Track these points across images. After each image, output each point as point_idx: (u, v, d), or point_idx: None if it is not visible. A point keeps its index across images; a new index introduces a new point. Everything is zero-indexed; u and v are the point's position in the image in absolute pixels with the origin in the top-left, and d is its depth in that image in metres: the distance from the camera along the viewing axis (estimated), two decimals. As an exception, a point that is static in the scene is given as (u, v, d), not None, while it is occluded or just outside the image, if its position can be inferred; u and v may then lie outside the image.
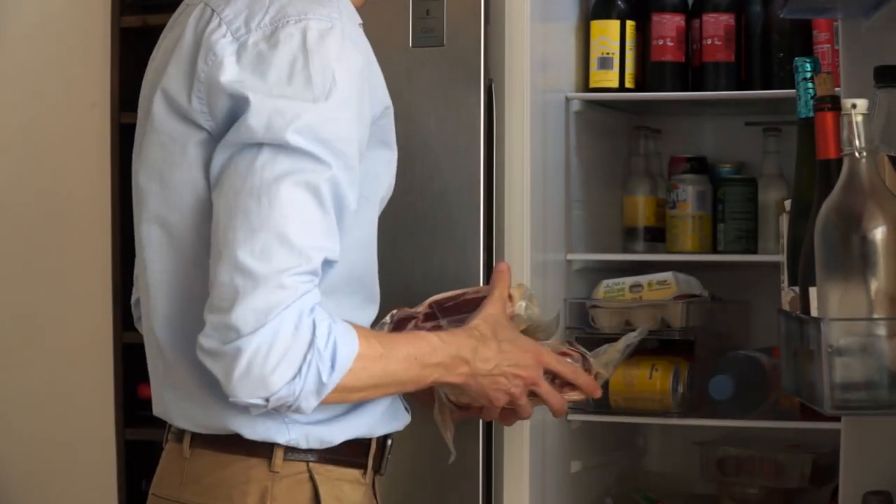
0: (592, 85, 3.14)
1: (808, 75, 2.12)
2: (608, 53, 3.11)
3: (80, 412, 3.88)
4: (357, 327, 1.85)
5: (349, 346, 1.81)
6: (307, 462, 1.90)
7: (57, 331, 3.93)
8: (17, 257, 3.98)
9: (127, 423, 3.71)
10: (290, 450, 1.89)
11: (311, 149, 1.79)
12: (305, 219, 1.78)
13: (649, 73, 3.17)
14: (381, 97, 2.00)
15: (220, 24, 1.86)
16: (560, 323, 2.43)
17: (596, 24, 3.14)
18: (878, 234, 1.81)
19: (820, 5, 2.49)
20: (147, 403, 2.07)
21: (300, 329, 1.75)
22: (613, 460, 3.29)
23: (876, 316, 1.81)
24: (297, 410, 1.79)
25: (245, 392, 1.75)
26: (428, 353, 1.92)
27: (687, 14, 3.15)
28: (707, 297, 3.16)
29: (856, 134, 1.83)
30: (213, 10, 1.89)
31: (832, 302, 1.83)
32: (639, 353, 3.12)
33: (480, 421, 2.82)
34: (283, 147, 1.78)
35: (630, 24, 3.13)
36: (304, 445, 1.89)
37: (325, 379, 1.77)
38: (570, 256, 3.10)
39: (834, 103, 1.94)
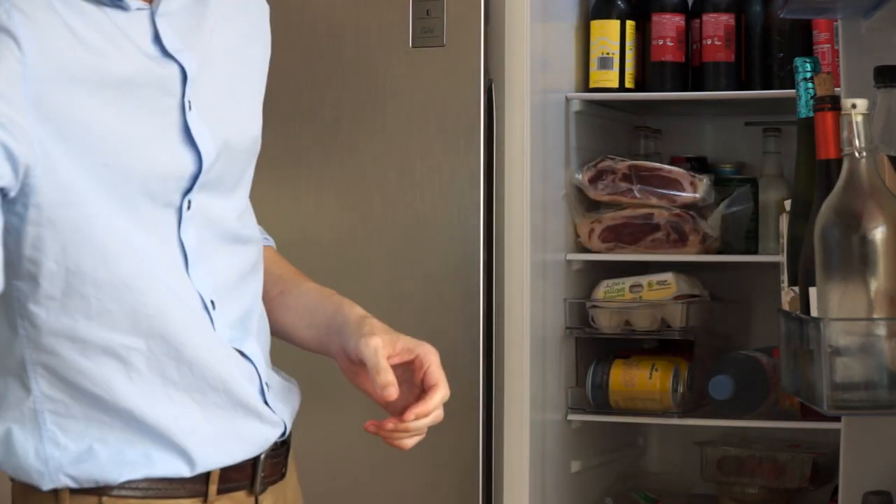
0: (592, 85, 3.14)
1: (808, 75, 2.12)
2: (608, 53, 3.12)
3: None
4: None
5: None
6: (100, 497, 1.63)
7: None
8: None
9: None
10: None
11: None
12: None
13: (649, 73, 3.17)
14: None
15: None
16: None
17: (596, 24, 3.14)
18: (878, 234, 1.81)
19: (820, 5, 2.49)
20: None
21: None
22: (613, 460, 3.29)
23: (876, 316, 1.81)
24: None
25: None
26: None
27: (687, 14, 3.15)
28: (707, 297, 3.16)
29: (856, 134, 1.83)
30: None
31: (832, 302, 1.83)
32: (639, 353, 3.13)
33: (480, 421, 2.83)
34: None
35: (630, 24, 3.13)
36: (74, 486, 1.62)
37: None
38: (570, 256, 3.10)
39: (834, 103, 1.94)
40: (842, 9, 2.41)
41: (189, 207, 1.65)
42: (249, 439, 1.71)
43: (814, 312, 1.91)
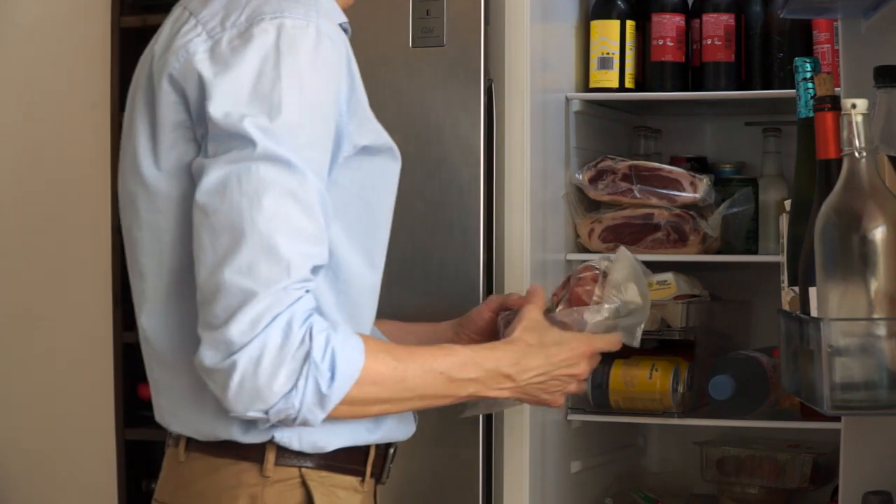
0: (592, 85, 3.14)
1: (808, 75, 2.12)
2: (608, 53, 3.12)
3: (80, 412, 3.89)
4: (366, 338, 1.82)
5: (351, 358, 1.77)
6: (300, 468, 1.86)
7: (57, 331, 3.93)
8: (17, 257, 3.98)
9: (127, 423, 3.71)
10: (282, 454, 1.86)
11: (285, 155, 1.76)
12: (292, 228, 1.75)
13: (649, 73, 3.17)
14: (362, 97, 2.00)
15: (195, 25, 1.85)
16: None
17: (596, 24, 3.14)
18: (878, 234, 1.81)
19: (820, 5, 2.49)
20: (147, 404, 2.07)
21: (290, 338, 1.71)
22: (613, 460, 3.29)
23: (876, 316, 1.81)
24: (305, 423, 1.76)
25: (242, 406, 1.73)
26: (457, 368, 1.88)
27: (687, 14, 3.15)
28: (707, 297, 3.16)
29: (856, 134, 1.84)
30: (190, 13, 1.88)
31: (832, 302, 1.83)
32: (639, 353, 3.13)
33: (480, 421, 2.82)
34: (262, 157, 1.75)
35: (630, 24, 3.13)
36: (296, 447, 1.85)
37: (325, 390, 1.73)
38: (570, 256, 3.10)
39: (834, 103, 1.94)
40: (842, 9, 2.41)
41: None
42: (408, 422, 2.01)
43: (814, 312, 1.91)
